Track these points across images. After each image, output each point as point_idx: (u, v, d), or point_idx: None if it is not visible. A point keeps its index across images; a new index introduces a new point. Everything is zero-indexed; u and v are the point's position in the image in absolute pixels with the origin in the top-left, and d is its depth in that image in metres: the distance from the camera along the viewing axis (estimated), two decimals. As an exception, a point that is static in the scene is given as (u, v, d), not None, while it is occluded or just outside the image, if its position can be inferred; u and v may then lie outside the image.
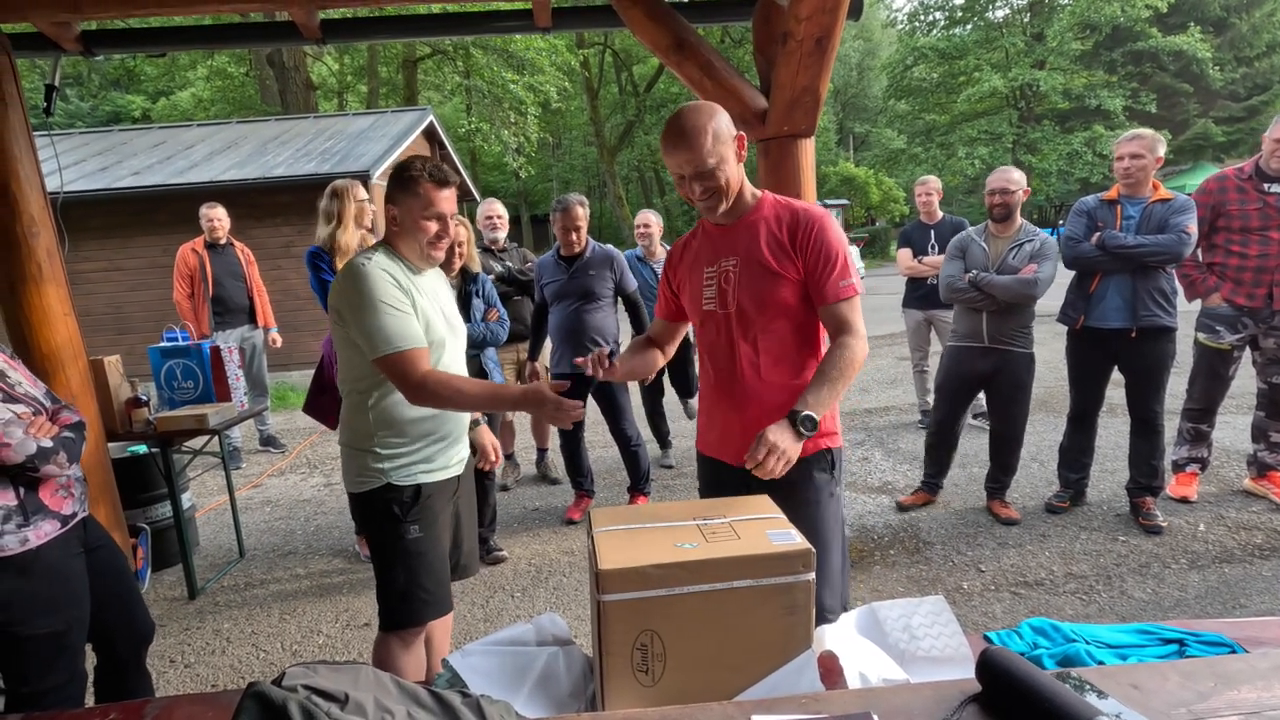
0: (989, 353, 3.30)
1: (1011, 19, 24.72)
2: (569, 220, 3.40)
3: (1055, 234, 3.84)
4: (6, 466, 1.53)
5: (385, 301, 1.66)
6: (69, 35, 2.82)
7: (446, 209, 1.76)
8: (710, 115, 1.53)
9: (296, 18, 2.85)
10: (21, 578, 1.55)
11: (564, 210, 3.41)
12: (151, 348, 3.29)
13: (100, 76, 24.74)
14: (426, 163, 1.77)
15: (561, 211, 3.42)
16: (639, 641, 1.09)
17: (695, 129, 1.51)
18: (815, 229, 1.59)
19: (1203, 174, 19.01)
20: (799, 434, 1.42)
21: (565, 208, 3.42)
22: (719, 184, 1.56)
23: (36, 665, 1.60)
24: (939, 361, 3.59)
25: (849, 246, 1.67)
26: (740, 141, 1.58)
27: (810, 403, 1.46)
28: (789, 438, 1.41)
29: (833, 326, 1.61)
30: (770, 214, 1.63)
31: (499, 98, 17.07)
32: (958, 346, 3.42)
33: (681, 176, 1.57)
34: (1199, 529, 3.14)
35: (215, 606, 3.08)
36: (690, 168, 1.54)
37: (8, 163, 2.51)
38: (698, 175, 1.54)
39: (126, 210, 8.11)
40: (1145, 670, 1.01)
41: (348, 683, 0.94)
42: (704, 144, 1.51)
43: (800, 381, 1.62)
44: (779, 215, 1.63)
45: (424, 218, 1.74)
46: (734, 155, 1.57)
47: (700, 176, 1.54)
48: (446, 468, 1.87)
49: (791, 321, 1.63)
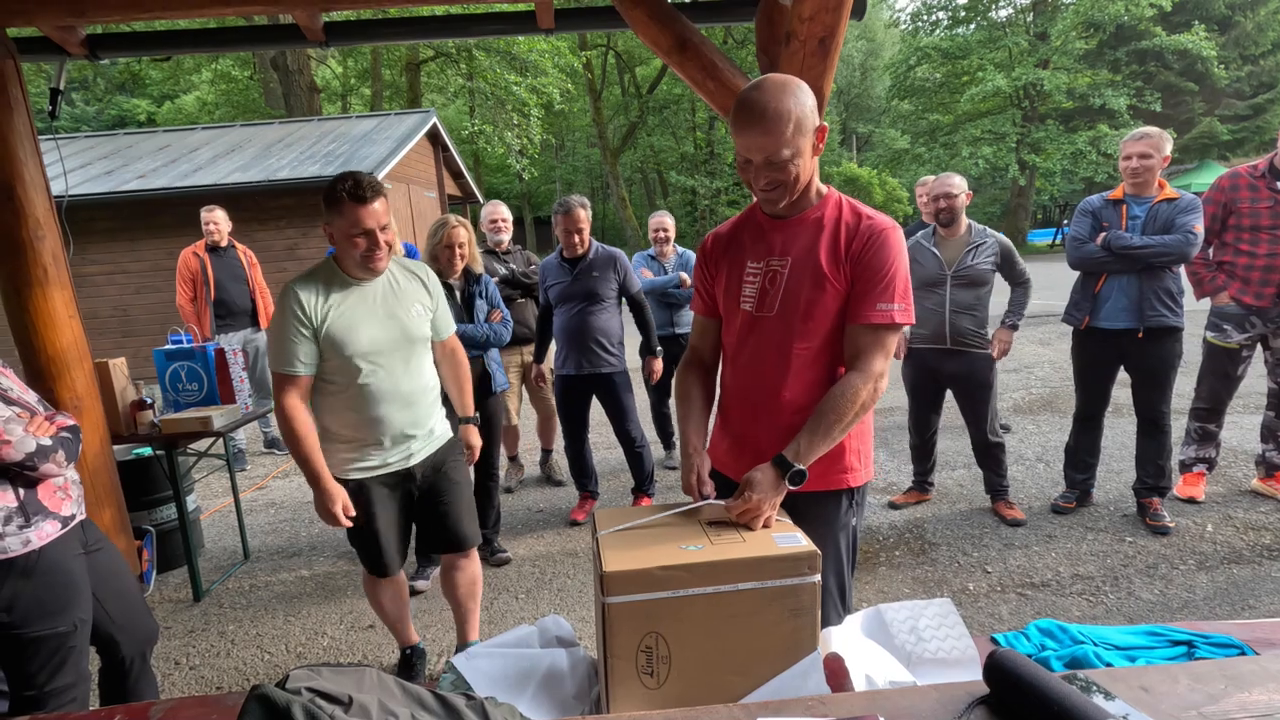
0: (952, 354, 3.31)
1: (1015, 18, 24.64)
2: (570, 222, 3.40)
3: (1059, 235, 3.83)
4: (6, 465, 1.53)
5: (282, 326, 1.91)
6: (74, 39, 2.83)
7: (371, 224, 1.88)
8: (796, 98, 1.32)
9: (300, 20, 2.86)
10: (25, 579, 1.55)
11: (565, 212, 3.41)
12: (156, 350, 3.29)
13: (106, 81, 24.87)
14: (348, 181, 1.87)
15: (564, 214, 3.42)
16: (644, 644, 1.09)
17: (777, 113, 1.30)
18: (877, 239, 1.39)
19: (1209, 173, 18.94)
20: (785, 485, 1.31)
21: (567, 210, 3.42)
22: (789, 177, 1.36)
23: (42, 667, 1.60)
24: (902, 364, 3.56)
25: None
26: (821, 133, 1.38)
27: (800, 452, 1.34)
28: (773, 491, 1.29)
29: (849, 352, 1.42)
30: (834, 215, 1.44)
31: (502, 100, 17.10)
32: (920, 349, 3.42)
33: (748, 161, 1.37)
34: (1207, 530, 3.12)
35: (220, 608, 3.09)
36: (761, 154, 1.34)
37: (13, 166, 2.51)
38: (769, 164, 1.35)
39: (132, 213, 8.15)
40: (1155, 672, 1.00)
41: (351, 685, 0.94)
42: (783, 131, 1.31)
43: None
44: (844, 219, 1.44)
45: (350, 235, 1.88)
46: (811, 147, 1.37)
47: (771, 166, 1.35)
48: (385, 465, 2.08)
49: (831, 339, 1.44)
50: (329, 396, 2.02)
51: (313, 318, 1.91)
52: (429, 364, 2.18)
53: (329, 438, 2.05)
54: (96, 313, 7.98)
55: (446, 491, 2.20)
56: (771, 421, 1.48)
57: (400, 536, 2.20)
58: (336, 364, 1.96)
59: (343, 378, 1.98)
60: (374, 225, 1.87)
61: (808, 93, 1.35)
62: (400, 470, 2.11)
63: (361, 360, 1.96)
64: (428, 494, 2.18)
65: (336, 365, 1.96)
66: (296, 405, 1.94)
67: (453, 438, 2.27)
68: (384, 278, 2.03)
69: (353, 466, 2.05)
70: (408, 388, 2.06)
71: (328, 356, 1.96)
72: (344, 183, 1.86)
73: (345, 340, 1.93)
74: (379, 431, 2.04)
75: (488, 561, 3.29)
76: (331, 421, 2.05)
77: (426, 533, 2.28)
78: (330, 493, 1.95)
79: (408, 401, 2.07)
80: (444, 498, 2.20)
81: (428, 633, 2.74)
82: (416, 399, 2.10)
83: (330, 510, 1.95)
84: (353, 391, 1.99)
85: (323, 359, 1.96)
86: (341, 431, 2.04)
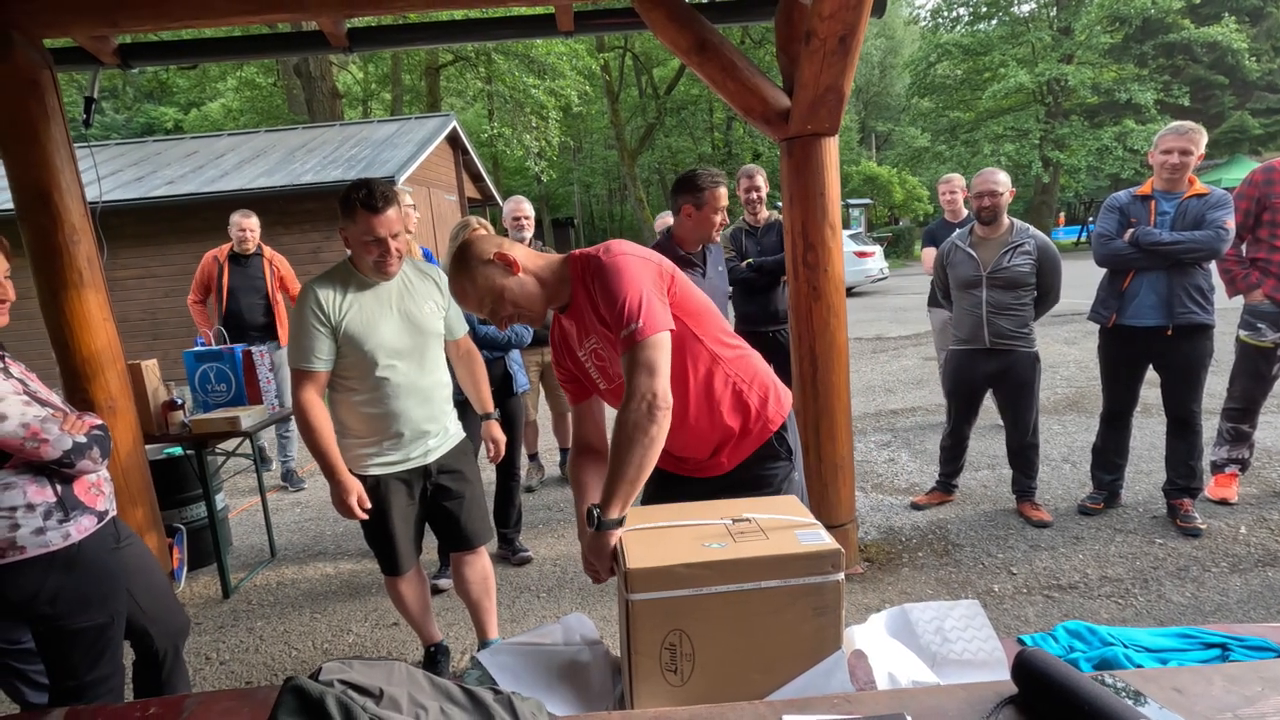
0: (991, 354, 3.27)
1: (1038, 13, 24.27)
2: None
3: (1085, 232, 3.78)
4: (45, 462, 1.57)
5: (301, 323, 1.98)
6: (107, 49, 2.91)
7: (384, 232, 1.93)
8: (469, 277, 1.46)
9: (324, 26, 2.91)
10: (67, 573, 1.60)
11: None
12: (186, 352, 3.37)
13: (134, 90, 25.45)
14: (362, 190, 1.91)
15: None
16: (667, 641, 1.09)
17: (462, 293, 1.49)
18: (598, 279, 1.43)
19: (1239, 168, 18.48)
20: (594, 531, 1.31)
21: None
22: (514, 310, 1.50)
23: (82, 659, 1.65)
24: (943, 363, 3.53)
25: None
26: (500, 258, 1.46)
27: (602, 500, 1.33)
28: (586, 541, 1.34)
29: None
30: (581, 288, 1.50)
31: (520, 102, 17.21)
32: (959, 350, 3.39)
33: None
34: (1240, 531, 3.06)
35: (248, 605, 3.14)
36: (479, 314, 1.52)
37: (50, 174, 2.59)
38: (493, 314, 1.50)
39: (161, 218, 8.34)
40: (1188, 674, 0.99)
41: (381, 678, 0.96)
42: (472, 301, 1.49)
43: (693, 425, 1.55)
44: (586, 287, 1.48)
45: (363, 242, 1.94)
46: (502, 281, 1.46)
47: (494, 315, 1.50)
48: (406, 460, 2.13)
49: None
50: (347, 393, 2.08)
51: (331, 316, 1.98)
52: (443, 361, 2.23)
53: (347, 433, 2.11)
54: (126, 316, 8.15)
55: (458, 489, 2.25)
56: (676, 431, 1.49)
57: (414, 534, 2.24)
58: (354, 360, 2.02)
59: (360, 373, 2.04)
60: (386, 233, 1.93)
61: (475, 255, 1.47)
62: (417, 467, 2.15)
63: (378, 356, 2.02)
64: (439, 492, 2.23)
65: (354, 361, 2.02)
66: (314, 400, 2.01)
67: (465, 438, 2.32)
68: (398, 278, 2.10)
69: (371, 462, 2.11)
70: (423, 383, 2.12)
71: (345, 353, 2.02)
72: (358, 191, 1.91)
73: (363, 337, 2.00)
74: (397, 426, 2.09)
75: (509, 561, 3.31)
76: (349, 417, 2.10)
77: (437, 530, 2.33)
78: (346, 485, 2.01)
79: (425, 397, 2.13)
80: (455, 496, 2.24)
81: (451, 631, 2.77)
82: (432, 394, 2.16)
83: (346, 503, 2.01)
84: (370, 386, 2.05)
85: (341, 356, 2.02)
86: (359, 427, 2.10)
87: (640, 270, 1.42)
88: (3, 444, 1.52)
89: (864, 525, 3.42)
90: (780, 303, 3.91)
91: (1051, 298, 3.26)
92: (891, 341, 8.75)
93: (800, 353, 2.89)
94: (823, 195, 2.75)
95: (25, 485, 1.57)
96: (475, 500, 2.30)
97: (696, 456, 1.64)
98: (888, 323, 10.29)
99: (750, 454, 1.63)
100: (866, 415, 5.42)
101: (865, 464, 4.31)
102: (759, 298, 3.91)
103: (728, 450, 1.61)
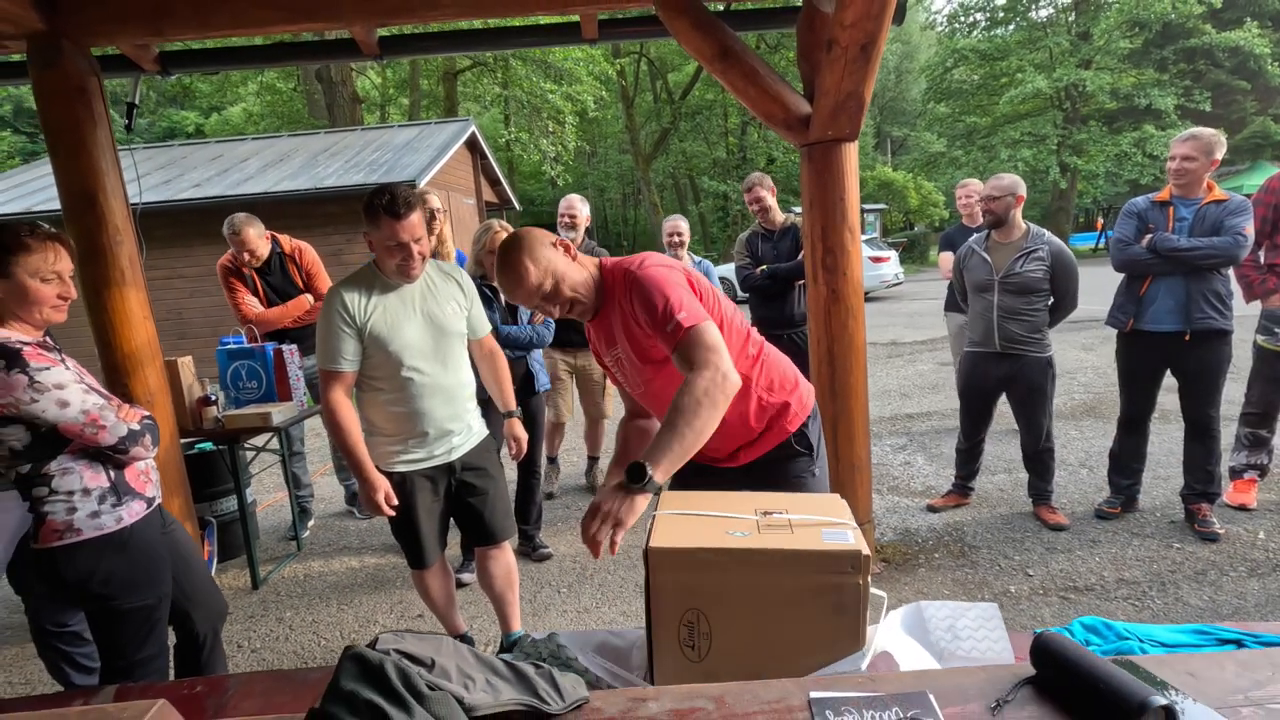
0: (1002, 358, 3.29)
1: (1055, 18, 24.11)
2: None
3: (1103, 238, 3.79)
4: (100, 448, 1.66)
5: (327, 325, 2.04)
6: (148, 56, 3.02)
7: (407, 237, 1.98)
8: (530, 261, 1.52)
9: (357, 35, 3.00)
10: (120, 554, 1.68)
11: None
12: (219, 350, 3.47)
13: (158, 94, 25.88)
14: (384, 196, 1.96)
15: None
16: (685, 618, 1.13)
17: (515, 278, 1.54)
18: (633, 293, 1.52)
19: (1261, 174, 18.24)
20: (631, 488, 1.28)
21: None
22: (565, 300, 1.57)
23: (132, 638, 1.73)
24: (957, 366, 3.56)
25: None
26: (560, 243, 1.57)
27: (650, 454, 1.33)
28: (610, 496, 1.30)
29: (683, 369, 1.48)
30: (618, 294, 1.58)
31: (537, 107, 17.36)
32: (972, 352, 3.43)
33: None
34: (1259, 537, 3.06)
35: (277, 596, 3.23)
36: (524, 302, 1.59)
37: (97, 177, 2.69)
38: (542, 299, 1.57)
39: (187, 221, 8.50)
40: (1201, 659, 1.03)
41: (431, 650, 1.02)
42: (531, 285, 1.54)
43: None
44: (620, 293, 1.57)
45: (387, 247, 2.00)
46: (561, 266, 1.55)
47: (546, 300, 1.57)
48: (431, 457, 2.19)
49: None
50: (374, 393, 2.14)
51: (356, 317, 2.04)
52: (466, 361, 2.29)
53: (374, 431, 2.18)
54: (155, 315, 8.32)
55: (481, 486, 2.30)
56: None
57: (439, 529, 2.31)
58: (380, 360, 2.08)
59: (386, 373, 2.10)
60: (408, 238, 1.99)
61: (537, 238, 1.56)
62: (442, 464, 2.22)
63: (403, 355, 2.08)
64: (464, 488, 2.28)
65: (380, 361, 2.09)
66: (341, 400, 2.07)
67: (488, 435, 2.38)
68: (421, 280, 2.15)
69: (397, 459, 2.17)
70: (447, 382, 2.18)
71: (371, 354, 2.08)
72: (380, 197, 1.97)
73: (388, 337, 2.06)
74: (423, 424, 2.15)
75: (529, 557, 3.37)
76: (376, 416, 2.17)
77: (461, 525, 2.39)
78: (373, 482, 2.07)
79: (449, 396, 2.19)
80: (479, 492, 2.30)
81: (474, 623, 2.83)
82: (456, 393, 2.21)
83: (373, 499, 2.08)
84: (396, 385, 2.11)
85: (367, 356, 2.09)
86: (386, 426, 2.17)
87: (674, 277, 1.55)
88: (64, 429, 1.60)
89: (880, 527, 3.45)
90: (796, 306, 3.95)
91: (1068, 303, 3.27)
92: (907, 346, 8.74)
93: (819, 355, 2.93)
94: (842, 200, 2.79)
95: (82, 470, 1.65)
96: (499, 496, 2.36)
97: (715, 456, 1.72)
98: (903, 328, 10.27)
99: (768, 450, 1.71)
100: (882, 419, 5.44)
101: (881, 467, 4.33)
102: (774, 303, 3.95)
103: (746, 450, 1.71)
